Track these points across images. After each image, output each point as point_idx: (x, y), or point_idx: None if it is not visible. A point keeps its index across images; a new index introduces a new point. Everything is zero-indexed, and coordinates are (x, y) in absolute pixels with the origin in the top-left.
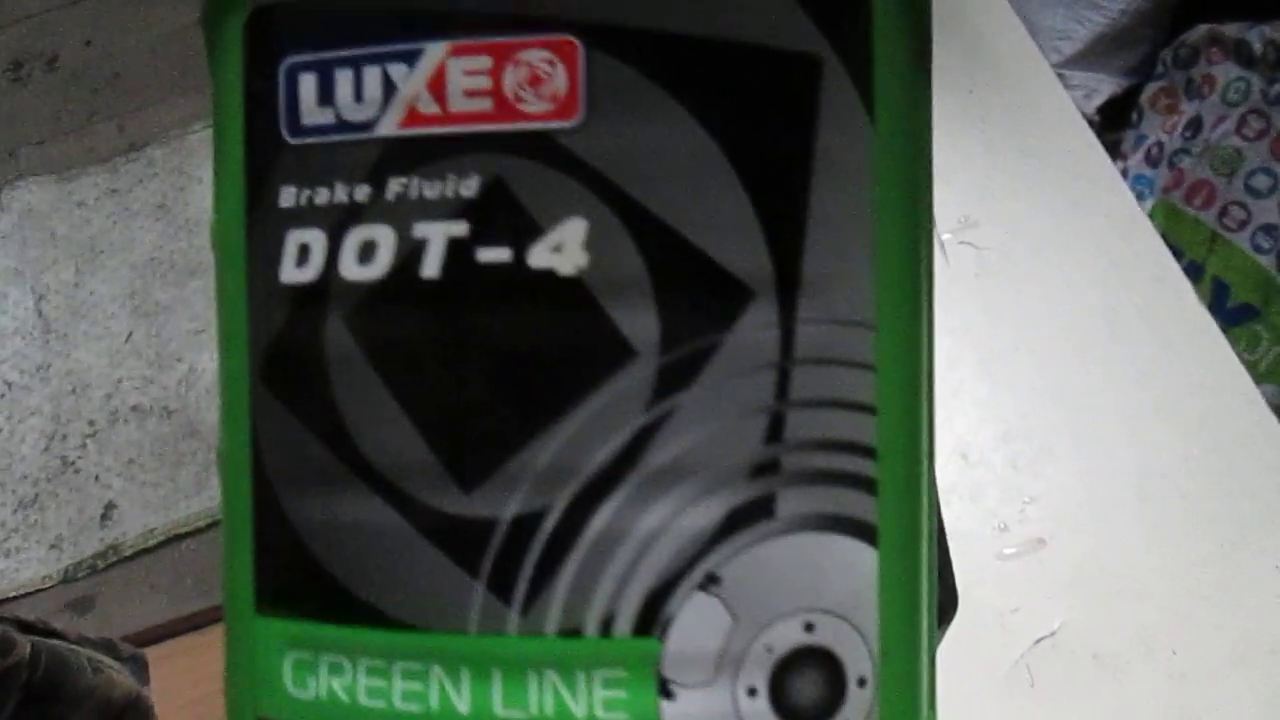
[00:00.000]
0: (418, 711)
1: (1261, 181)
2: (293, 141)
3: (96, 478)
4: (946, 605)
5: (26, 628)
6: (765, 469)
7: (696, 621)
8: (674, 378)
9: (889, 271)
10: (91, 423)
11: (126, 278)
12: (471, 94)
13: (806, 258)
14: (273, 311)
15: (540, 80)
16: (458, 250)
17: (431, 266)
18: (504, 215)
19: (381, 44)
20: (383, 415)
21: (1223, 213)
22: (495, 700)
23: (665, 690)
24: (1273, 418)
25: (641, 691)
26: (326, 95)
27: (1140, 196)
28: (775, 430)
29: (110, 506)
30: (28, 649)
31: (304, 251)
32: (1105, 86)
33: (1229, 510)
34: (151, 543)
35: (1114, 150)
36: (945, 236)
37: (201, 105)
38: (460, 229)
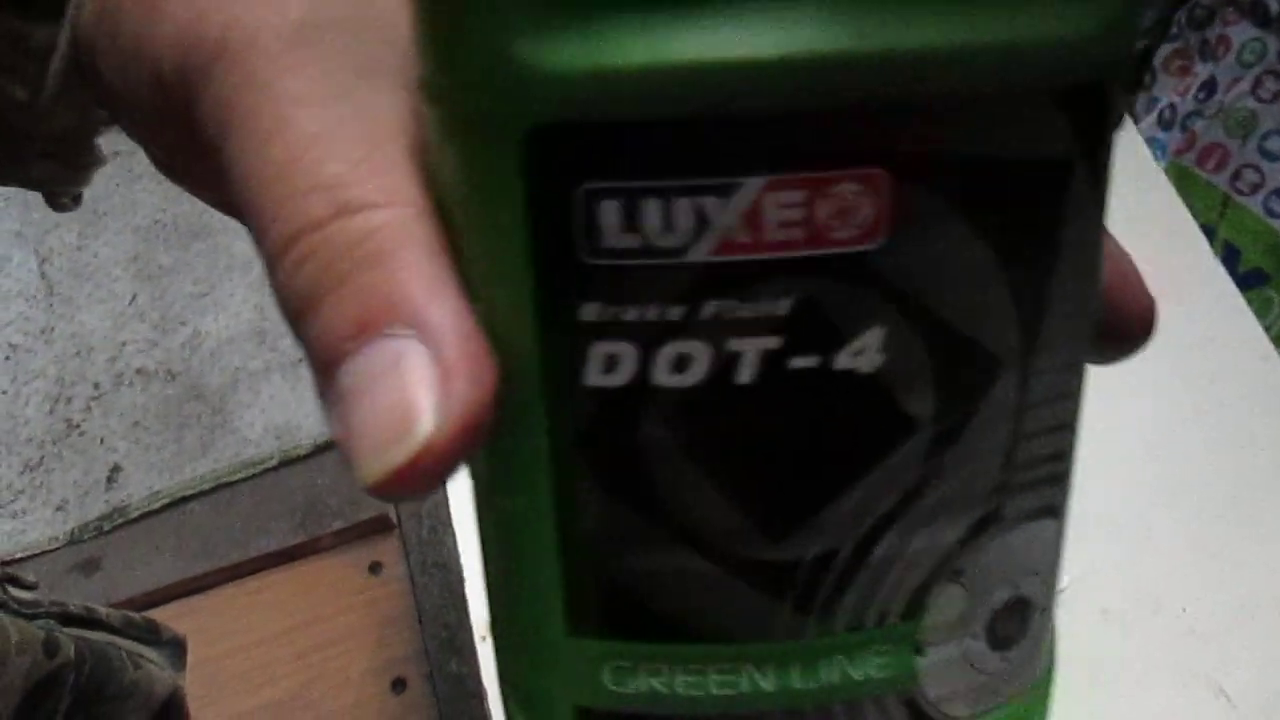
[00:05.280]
0: (731, 693)
1: (1276, 144)
2: (592, 262)
3: (101, 440)
4: None
5: (68, 619)
6: (999, 489)
7: (945, 604)
8: (944, 440)
9: (1088, 318)
10: (96, 385)
11: (129, 241)
12: (785, 225)
13: (1044, 328)
14: (577, 407)
15: (849, 210)
16: (770, 360)
17: (745, 375)
18: (814, 329)
19: (693, 178)
20: (698, 492)
21: (1235, 176)
22: (794, 678)
23: (919, 650)
24: None
25: (904, 654)
26: (631, 222)
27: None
28: (1009, 459)
29: (115, 469)
30: (72, 649)
31: (611, 361)
32: None
33: (1240, 466)
34: (156, 505)
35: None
36: None
37: None
38: (773, 343)
